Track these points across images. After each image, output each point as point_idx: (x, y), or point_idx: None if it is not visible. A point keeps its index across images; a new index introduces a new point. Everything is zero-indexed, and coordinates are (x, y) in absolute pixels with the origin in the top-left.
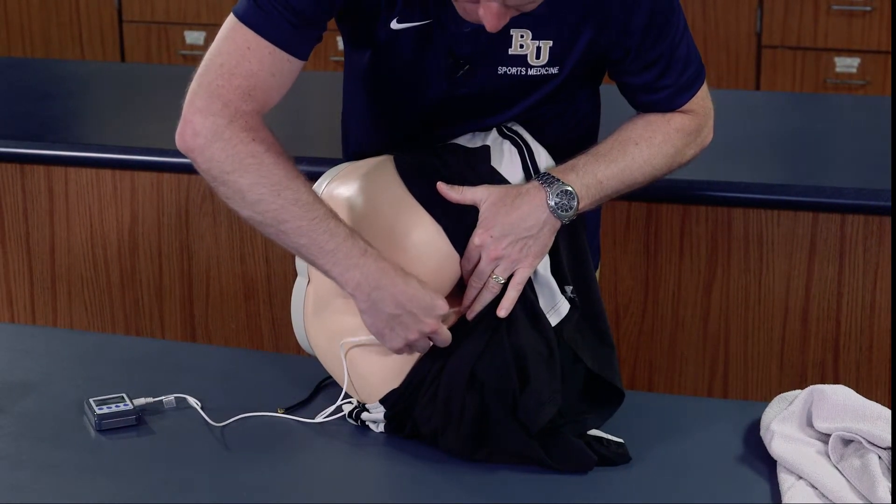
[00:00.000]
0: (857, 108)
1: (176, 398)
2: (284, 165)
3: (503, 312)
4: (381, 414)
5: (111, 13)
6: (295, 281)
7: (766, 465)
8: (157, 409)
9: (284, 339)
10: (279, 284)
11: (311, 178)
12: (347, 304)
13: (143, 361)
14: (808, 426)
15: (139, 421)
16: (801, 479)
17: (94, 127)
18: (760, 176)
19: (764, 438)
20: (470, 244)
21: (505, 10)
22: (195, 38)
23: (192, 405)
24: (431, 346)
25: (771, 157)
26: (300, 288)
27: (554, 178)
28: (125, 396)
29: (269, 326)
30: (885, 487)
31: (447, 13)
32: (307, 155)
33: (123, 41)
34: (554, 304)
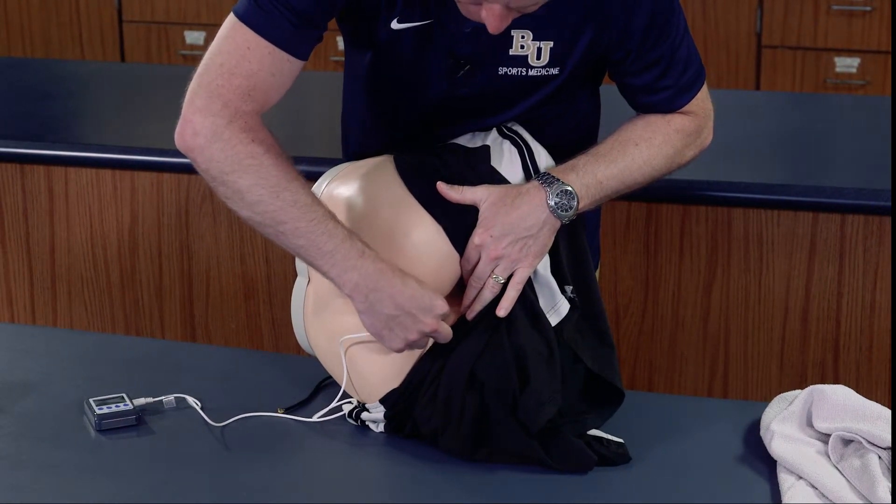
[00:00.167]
0: (857, 108)
1: (176, 398)
2: (283, 166)
3: (503, 312)
4: (380, 414)
5: (111, 13)
6: (295, 281)
7: (766, 465)
8: (156, 409)
9: (284, 339)
10: (279, 284)
11: (310, 178)
12: (347, 303)
13: (143, 361)
14: (808, 426)
15: (139, 421)
16: (801, 479)
17: (94, 127)
18: (760, 176)
19: (764, 438)
20: (470, 244)
21: (507, 12)
22: (195, 38)
23: (191, 405)
24: (431, 345)
25: (771, 157)
26: (300, 288)
27: (554, 177)
28: (125, 396)
29: (269, 326)
30: (885, 487)
31: (448, 13)
32: (307, 155)
33: (123, 41)
34: (554, 304)
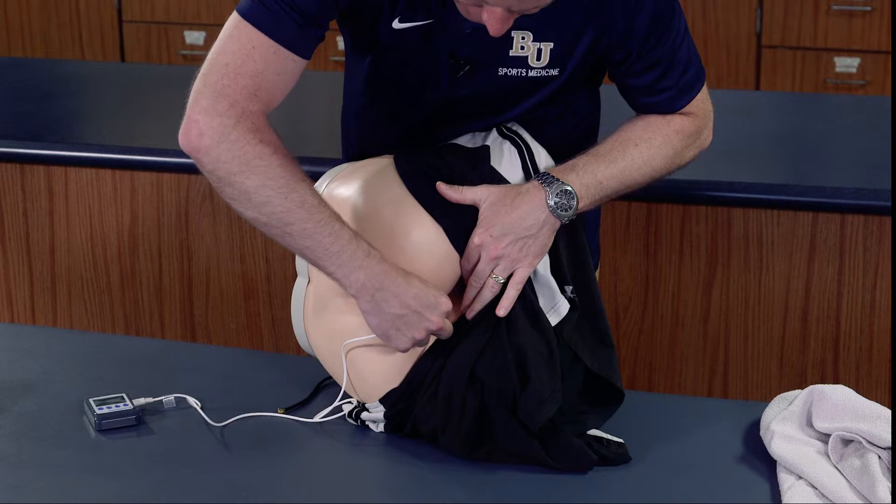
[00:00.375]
0: (857, 108)
1: (176, 398)
2: (291, 167)
3: (502, 311)
4: (380, 413)
5: (111, 13)
6: (295, 281)
7: (766, 465)
8: (156, 409)
9: (284, 339)
10: (279, 284)
11: (311, 178)
12: (347, 303)
13: (143, 361)
14: (807, 426)
15: (139, 421)
16: (800, 478)
17: (94, 127)
18: (760, 176)
19: (764, 438)
20: (470, 244)
21: (508, 15)
22: (195, 38)
23: (191, 405)
24: (432, 343)
25: (771, 157)
26: (300, 288)
27: (553, 177)
28: (125, 396)
29: (269, 326)
30: (884, 487)
31: (449, 13)
32: (307, 155)
33: (123, 41)
34: (554, 303)
